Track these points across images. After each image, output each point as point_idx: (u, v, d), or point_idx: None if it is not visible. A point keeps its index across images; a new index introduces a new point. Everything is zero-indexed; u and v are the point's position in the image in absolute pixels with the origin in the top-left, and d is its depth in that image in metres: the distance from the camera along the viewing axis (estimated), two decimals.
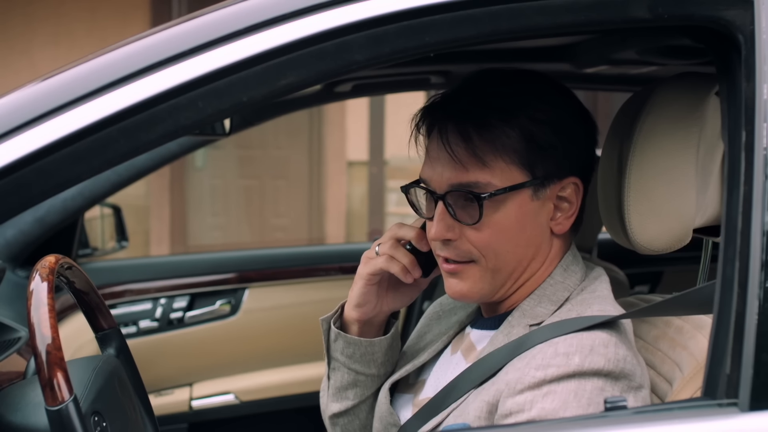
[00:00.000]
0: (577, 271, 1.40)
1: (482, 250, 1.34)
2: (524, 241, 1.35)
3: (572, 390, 1.21)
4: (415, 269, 1.44)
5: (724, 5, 1.16)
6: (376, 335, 1.52)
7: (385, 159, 7.81)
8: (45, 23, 7.05)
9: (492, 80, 1.39)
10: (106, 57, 1.16)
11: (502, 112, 1.33)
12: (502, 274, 1.36)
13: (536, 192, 1.34)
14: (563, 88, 1.41)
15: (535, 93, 1.37)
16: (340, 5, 1.12)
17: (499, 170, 1.32)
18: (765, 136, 1.13)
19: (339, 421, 1.58)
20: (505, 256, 1.35)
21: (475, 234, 1.33)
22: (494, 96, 1.35)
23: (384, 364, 1.53)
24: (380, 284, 1.48)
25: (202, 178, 7.86)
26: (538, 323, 1.35)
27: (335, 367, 1.54)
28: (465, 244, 1.35)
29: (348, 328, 1.52)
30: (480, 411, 1.28)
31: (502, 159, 1.32)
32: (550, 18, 1.16)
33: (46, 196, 1.10)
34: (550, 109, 1.35)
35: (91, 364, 1.37)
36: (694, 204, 1.37)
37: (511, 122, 1.32)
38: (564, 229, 1.38)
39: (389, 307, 1.51)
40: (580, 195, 1.38)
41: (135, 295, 2.92)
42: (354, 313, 1.49)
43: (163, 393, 2.92)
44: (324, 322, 1.52)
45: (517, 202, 1.33)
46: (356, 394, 1.55)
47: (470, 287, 1.37)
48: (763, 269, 1.10)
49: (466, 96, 1.37)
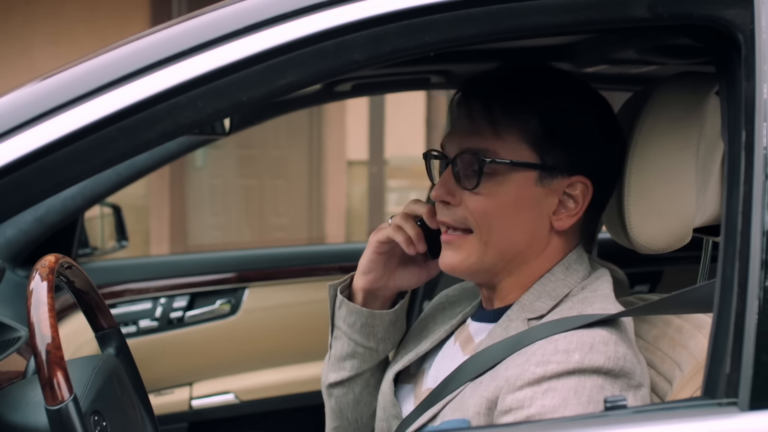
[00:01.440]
0: (580, 270, 1.40)
1: (477, 219, 1.37)
2: (520, 224, 1.37)
3: (572, 387, 1.22)
4: (420, 243, 1.47)
5: (723, 4, 1.16)
6: (380, 309, 1.54)
7: (385, 158, 7.81)
8: (45, 23, 7.05)
9: (526, 70, 1.44)
10: (106, 56, 1.16)
11: (528, 96, 1.37)
12: (494, 251, 1.37)
13: (542, 179, 1.35)
14: (595, 93, 1.43)
15: (564, 89, 1.40)
16: (340, 4, 1.12)
17: (510, 144, 1.35)
18: (765, 135, 1.13)
19: (334, 391, 1.60)
20: (498, 231, 1.36)
21: (473, 201, 1.36)
22: (525, 82, 1.40)
23: (384, 340, 1.54)
24: (389, 257, 1.51)
25: (202, 178, 7.86)
26: (536, 317, 1.36)
27: (337, 336, 1.56)
28: (462, 210, 1.38)
29: (354, 298, 1.54)
30: (479, 407, 1.28)
31: (515, 134, 1.35)
32: (550, 17, 1.16)
33: (46, 195, 1.10)
34: (574, 107, 1.38)
35: (90, 364, 1.37)
36: (694, 203, 1.37)
37: (533, 106, 1.36)
38: (565, 226, 1.38)
39: (395, 282, 1.53)
40: (588, 197, 1.37)
41: (135, 295, 2.92)
42: (360, 281, 1.52)
43: (163, 392, 2.92)
44: (331, 288, 1.55)
45: (520, 181, 1.35)
46: (353, 366, 1.56)
47: (462, 259, 1.39)
48: (762, 269, 1.10)
49: (499, 78, 1.42)
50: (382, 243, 1.50)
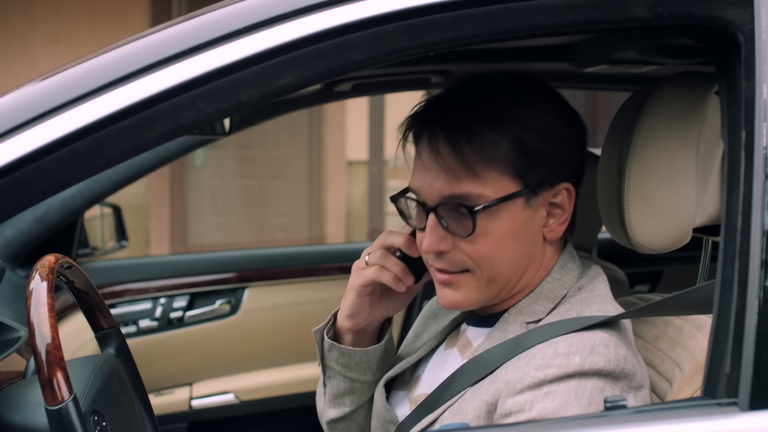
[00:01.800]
0: (574, 268, 1.40)
1: (477, 261, 1.33)
2: (518, 250, 1.34)
3: (572, 390, 1.21)
4: (407, 277, 1.43)
5: (723, 4, 1.16)
6: (369, 342, 1.52)
7: (384, 159, 7.80)
8: (45, 23, 7.05)
9: (480, 86, 1.37)
10: (106, 56, 1.16)
11: (493, 120, 1.31)
12: (498, 283, 1.35)
13: (529, 200, 1.33)
14: (551, 90, 1.40)
15: (525, 99, 1.35)
16: (340, 4, 1.12)
17: (492, 181, 1.31)
18: (765, 135, 1.13)
19: (337, 426, 1.58)
20: (500, 266, 1.33)
21: (468, 246, 1.32)
22: (484, 104, 1.33)
23: (379, 369, 1.53)
24: (372, 294, 1.48)
25: (202, 178, 7.86)
26: (534, 321, 1.35)
27: (330, 375, 1.54)
28: (459, 255, 1.33)
29: (341, 338, 1.52)
30: (479, 411, 1.28)
31: (494, 169, 1.30)
32: (550, 17, 1.16)
33: (46, 195, 1.10)
34: (540, 116, 1.33)
35: (90, 364, 1.37)
36: (694, 203, 1.37)
37: (502, 131, 1.31)
38: (557, 236, 1.37)
39: (382, 314, 1.51)
40: (573, 200, 1.37)
41: (135, 295, 2.92)
42: (347, 323, 1.49)
43: (163, 392, 2.92)
44: (317, 333, 1.52)
45: (510, 212, 1.32)
46: (353, 401, 1.55)
47: (465, 297, 1.35)
48: (762, 269, 1.10)
49: (454, 103, 1.35)
50: (365, 286, 1.45)
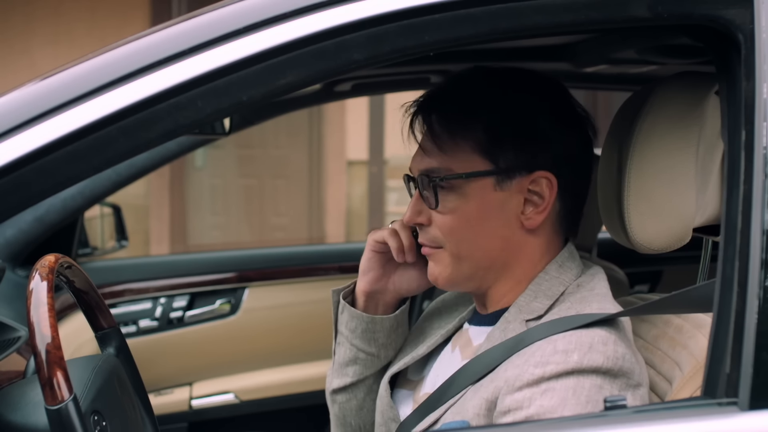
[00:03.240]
0: (573, 267, 1.40)
1: (446, 236, 1.39)
2: (487, 232, 1.38)
3: (571, 387, 1.22)
4: (409, 253, 1.49)
5: (723, 4, 1.16)
6: (381, 315, 1.55)
7: (384, 158, 7.80)
8: (45, 23, 7.05)
9: (467, 78, 1.45)
10: (106, 56, 1.16)
11: (468, 105, 1.39)
12: (469, 262, 1.39)
13: (500, 183, 1.36)
14: (543, 83, 1.42)
15: (507, 88, 1.40)
16: (340, 4, 1.12)
17: (460, 158, 1.37)
18: (765, 135, 1.13)
19: (338, 397, 1.61)
20: (467, 243, 1.38)
21: (439, 218, 1.39)
22: (461, 91, 1.42)
23: (385, 345, 1.55)
24: (388, 258, 1.53)
25: (202, 178, 7.86)
26: (534, 318, 1.36)
27: (340, 341, 1.58)
28: (433, 230, 1.40)
29: (356, 303, 1.56)
30: (479, 408, 1.28)
31: (463, 146, 1.37)
32: (550, 17, 1.16)
33: (46, 195, 1.10)
34: (519, 106, 1.38)
35: (90, 364, 1.37)
36: (694, 203, 1.37)
37: (474, 116, 1.37)
38: (534, 224, 1.38)
39: (395, 285, 1.53)
40: (554, 191, 1.37)
41: (135, 295, 2.92)
42: (361, 283, 1.54)
43: (163, 392, 2.92)
44: (335, 293, 1.57)
45: (479, 190, 1.36)
46: (355, 372, 1.57)
47: (440, 271, 1.41)
48: (762, 268, 1.10)
49: (438, 95, 1.43)
50: (378, 242, 1.52)
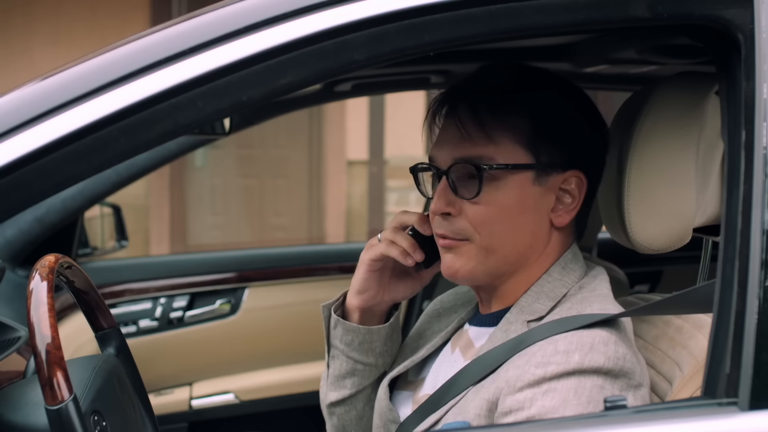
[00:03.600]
0: (576, 269, 1.40)
1: (478, 227, 1.35)
2: (522, 226, 1.36)
3: (572, 387, 1.21)
4: (416, 252, 1.45)
5: (723, 4, 1.16)
6: (376, 325, 1.53)
7: (384, 158, 7.81)
8: (45, 23, 7.05)
9: (505, 71, 1.44)
10: (106, 56, 1.16)
11: (515, 97, 1.37)
12: (496, 256, 1.36)
13: (538, 178, 1.35)
14: (573, 85, 1.44)
15: (547, 85, 1.40)
16: (340, 4, 1.12)
17: (504, 148, 1.34)
18: (765, 135, 1.13)
19: (336, 410, 1.59)
20: (500, 236, 1.35)
21: (473, 209, 1.35)
22: (508, 83, 1.40)
23: (382, 354, 1.54)
24: (382, 272, 1.50)
25: (202, 178, 7.86)
26: (536, 319, 1.36)
27: (334, 355, 1.55)
28: (461, 221, 1.36)
29: (349, 316, 1.53)
30: (480, 409, 1.28)
31: (508, 137, 1.35)
32: (550, 17, 1.16)
33: (46, 195, 1.10)
34: (560, 102, 1.38)
35: (90, 364, 1.37)
36: (694, 203, 1.37)
37: (522, 107, 1.36)
38: (564, 222, 1.38)
39: (390, 296, 1.51)
40: (584, 190, 1.38)
41: (135, 295, 2.92)
42: (355, 300, 1.50)
43: (163, 392, 2.92)
44: (325, 308, 1.53)
45: (519, 182, 1.34)
46: (354, 383, 1.55)
47: (463, 264, 1.37)
48: (762, 268, 1.10)
49: (482, 83, 1.41)
50: (375, 261, 1.48)
